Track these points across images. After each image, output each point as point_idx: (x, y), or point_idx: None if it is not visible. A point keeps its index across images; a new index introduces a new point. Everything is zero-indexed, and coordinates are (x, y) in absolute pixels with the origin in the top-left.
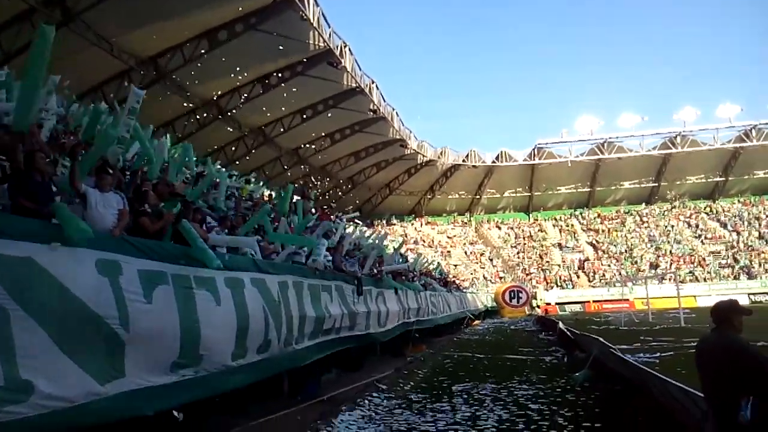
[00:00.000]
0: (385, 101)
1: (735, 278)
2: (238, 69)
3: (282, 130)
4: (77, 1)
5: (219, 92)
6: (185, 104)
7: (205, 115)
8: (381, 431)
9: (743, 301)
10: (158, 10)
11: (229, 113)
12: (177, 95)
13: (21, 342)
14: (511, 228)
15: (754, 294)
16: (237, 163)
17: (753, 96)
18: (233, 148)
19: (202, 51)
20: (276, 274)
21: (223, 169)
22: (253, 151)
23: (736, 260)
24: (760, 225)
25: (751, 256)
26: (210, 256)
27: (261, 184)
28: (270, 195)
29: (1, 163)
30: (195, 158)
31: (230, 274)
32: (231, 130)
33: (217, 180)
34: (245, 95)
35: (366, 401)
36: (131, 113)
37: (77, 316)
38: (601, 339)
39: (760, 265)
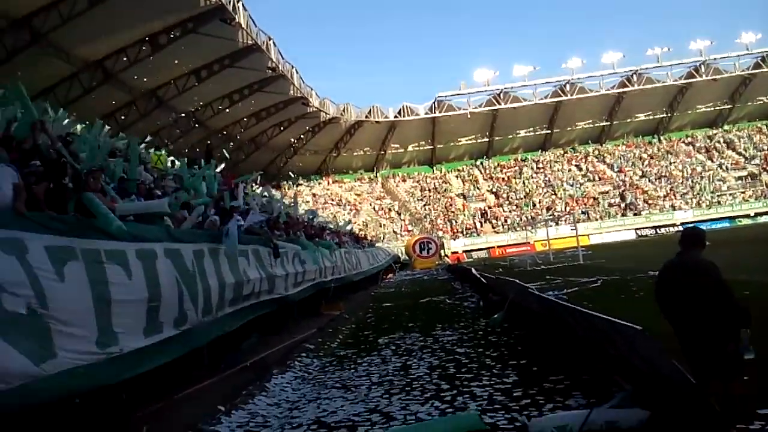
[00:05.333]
0: (283, 59)
1: (623, 215)
2: (122, 27)
3: (176, 92)
4: None
5: (103, 53)
6: (66, 68)
7: (89, 78)
8: (317, 390)
9: (630, 236)
10: None
11: (116, 76)
12: (55, 58)
13: None
14: (417, 181)
15: (639, 229)
16: (130, 128)
17: (635, 42)
18: (123, 115)
19: (81, 9)
20: (191, 242)
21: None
22: (146, 116)
23: (623, 198)
24: (642, 164)
25: (636, 194)
26: (111, 219)
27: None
28: (172, 162)
29: None
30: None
31: (142, 246)
32: (121, 93)
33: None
34: (133, 56)
35: (296, 363)
36: None
37: None
38: (517, 281)
39: (644, 201)
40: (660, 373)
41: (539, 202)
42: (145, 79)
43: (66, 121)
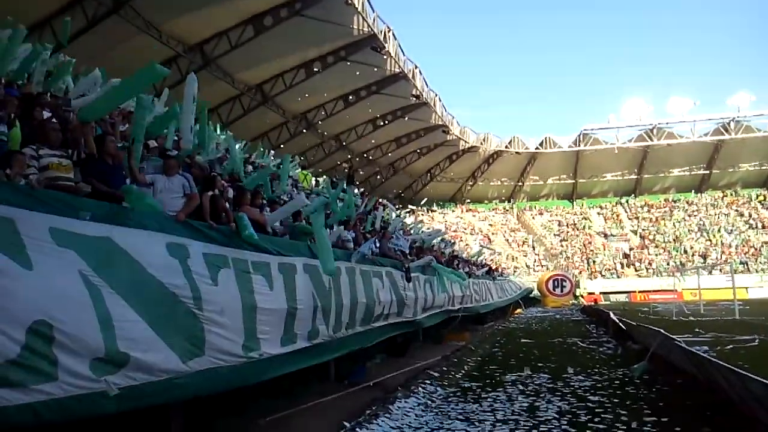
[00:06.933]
0: (428, 86)
1: None
2: (282, 55)
3: (324, 115)
4: None
5: (263, 78)
6: (230, 90)
7: (249, 100)
8: (440, 420)
9: None
10: None
11: (272, 99)
12: (223, 81)
13: (116, 316)
14: (555, 215)
15: None
16: (280, 148)
17: None
18: (276, 134)
19: (248, 37)
20: None
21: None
22: (296, 137)
23: None
24: None
25: None
26: (245, 227)
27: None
28: (316, 181)
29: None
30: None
31: (284, 260)
32: (275, 115)
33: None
34: (289, 81)
35: (420, 389)
36: (194, 101)
37: (156, 294)
38: (662, 330)
39: None
40: None
41: (690, 248)
42: (297, 102)
43: (223, 137)
